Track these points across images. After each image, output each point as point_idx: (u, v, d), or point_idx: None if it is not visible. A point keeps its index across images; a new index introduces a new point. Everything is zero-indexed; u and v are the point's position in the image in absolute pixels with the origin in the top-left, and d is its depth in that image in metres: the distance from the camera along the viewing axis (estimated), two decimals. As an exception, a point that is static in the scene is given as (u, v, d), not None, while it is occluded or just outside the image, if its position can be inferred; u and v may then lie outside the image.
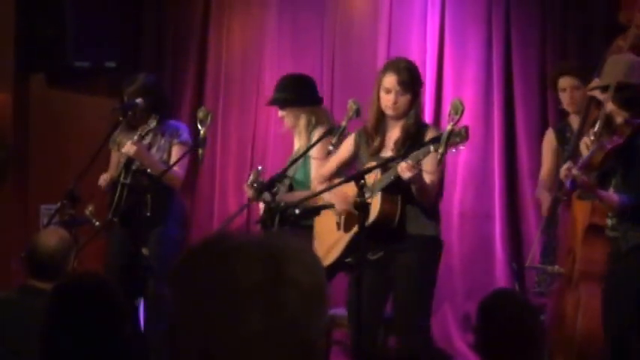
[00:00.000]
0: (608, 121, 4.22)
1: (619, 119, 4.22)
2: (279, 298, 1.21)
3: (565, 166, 4.17)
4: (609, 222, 4.34)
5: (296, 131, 5.27)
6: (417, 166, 4.36)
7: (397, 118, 4.70)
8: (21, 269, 4.32)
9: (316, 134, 5.09)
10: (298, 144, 5.30)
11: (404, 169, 4.38)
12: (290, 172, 5.10)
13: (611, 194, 4.21)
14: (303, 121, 5.16)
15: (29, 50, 6.59)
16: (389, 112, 4.70)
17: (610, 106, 4.25)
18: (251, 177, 4.94)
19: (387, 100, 4.68)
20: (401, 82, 4.66)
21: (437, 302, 5.88)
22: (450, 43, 6.21)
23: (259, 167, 5.05)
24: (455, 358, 5.68)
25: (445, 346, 5.86)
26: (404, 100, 4.66)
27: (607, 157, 4.13)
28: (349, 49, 6.52)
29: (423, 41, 6.27)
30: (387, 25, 6.37)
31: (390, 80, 4.68)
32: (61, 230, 4.15)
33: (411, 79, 4.66)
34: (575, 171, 4.05)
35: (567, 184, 4.05)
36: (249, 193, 4.96)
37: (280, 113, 5.26)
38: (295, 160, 4.99)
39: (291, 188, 5.18)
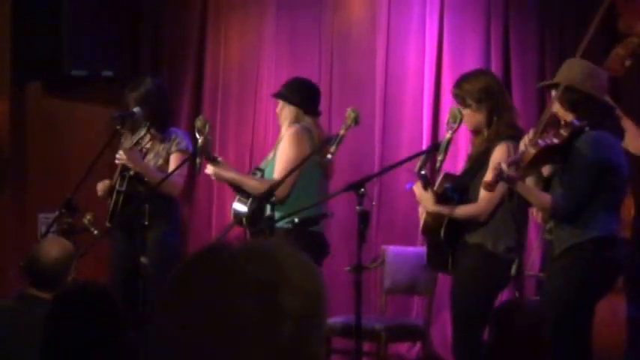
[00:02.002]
0: (553, 120, 4.22)
1: (563, 121, 4.23)
2: (276, 329, 1.19)
3: (496, 161, 4.19)
4: (547, 226, 4.32)
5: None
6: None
7: (474, 133, 4.62)
8: (18, 277, 4.31)
9: (287, 131, 5.05)
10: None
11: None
12: (262, 165, 5.15)
13: (544, 194, 4.18)
14: (286, 120, 5.12)
15: (26, 59, 6.57)
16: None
17: (556, 107, 4.25)
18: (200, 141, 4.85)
19: None
20: (455, 96, 4.62)
21: (438, 308, 5.89)
22: (448, 50, 6.21)
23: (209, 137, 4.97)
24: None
25: (445, 351, 5.86)
26: (466, 114, 4.52)
27: (538, 155, 4.06)
28: (347, 56, 6.52)
29: (422, 49, 6.27)
30: (385, 33, 6.37)
31: None
32: (63, 240, 4.13)
33: (465, 94, 4.53)
34: (503, 165, 4.04)
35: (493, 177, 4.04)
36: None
37: (277, 108, 5.23)
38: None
39: None
